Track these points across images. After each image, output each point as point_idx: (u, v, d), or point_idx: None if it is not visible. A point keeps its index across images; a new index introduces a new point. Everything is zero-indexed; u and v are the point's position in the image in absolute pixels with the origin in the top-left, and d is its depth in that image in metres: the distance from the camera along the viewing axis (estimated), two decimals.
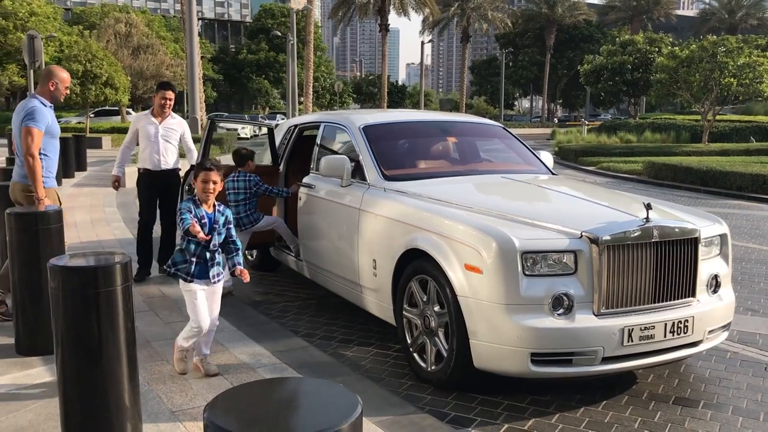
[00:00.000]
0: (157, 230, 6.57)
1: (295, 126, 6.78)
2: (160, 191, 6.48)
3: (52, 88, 5.06)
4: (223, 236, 4.07)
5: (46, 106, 5.00)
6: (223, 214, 4.08)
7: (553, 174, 5.72)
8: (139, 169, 6.44)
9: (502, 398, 4.05)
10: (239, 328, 5.04)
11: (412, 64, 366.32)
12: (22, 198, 5.08)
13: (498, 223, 3.92)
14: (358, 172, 5.28)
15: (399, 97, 73.99)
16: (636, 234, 3.83)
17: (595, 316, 3.75)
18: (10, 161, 10.73)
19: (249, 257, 7.40)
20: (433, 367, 4.18)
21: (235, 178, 6.01)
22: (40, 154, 4.88)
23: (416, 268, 4.27)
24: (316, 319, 5.62)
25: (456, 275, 3.90)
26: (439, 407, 3.92)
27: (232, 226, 4.15)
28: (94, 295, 2.87)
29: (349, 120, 5.70)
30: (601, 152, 23.35)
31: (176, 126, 6.54)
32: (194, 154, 6.70)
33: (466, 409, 3.90)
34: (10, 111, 50.88)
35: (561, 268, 3.78)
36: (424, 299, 4.23)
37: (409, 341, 4.41)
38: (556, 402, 4.03)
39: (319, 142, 6.08)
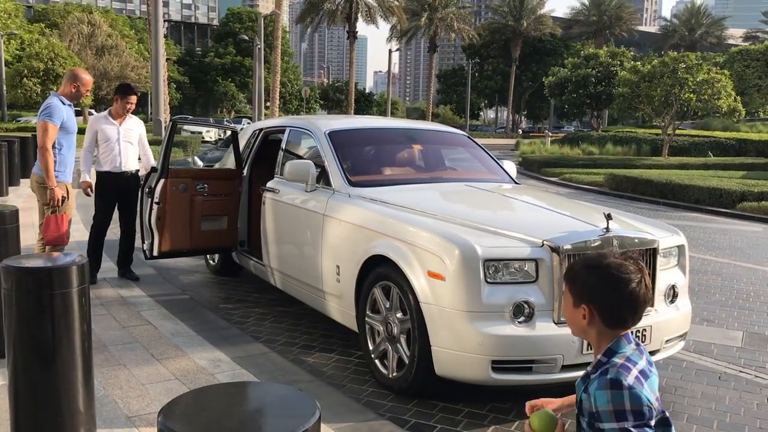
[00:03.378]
0: (114, 232, 6.47)
1: (260, 130, 6.73)
2: (119, 194, 6.38)
3: (73, 90, 5.48)
4: None
5: (64, 104, 5.41)
6: None
7: (516, 183, 5.77)
8: (97, 171, 6.33)
9: (463, 405, 4.05)
10: (199, 333, 4.97)
11: (380, 72, 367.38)
12: (36, 188, 5.47)
13: (461, 230, 3.94)
14: (323, 178, 5.25)
15: (366, 104, 74.09)
16: (596, 243, 3.88)
17: (556, 324, 3.78)
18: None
19: (211, 261, 7.31)
20: (394, 374, 4.17)
21: None
22: (54, 148, 5.28)
23: (379, 274, 4.26)
24: (277, 324, 5.57)
25: (419, 282, 3.90)
26: (400, 414, 3.91)
27: None
28: (49, 296, 2.80)
29: (315, 125, 5.68)
30: (563, 163, 23.66)
31: (135, 127, 6.51)
32: (150, 157, 6.69)
33: (427, 416, 3.89)
34: None
35: (522, 276, 3.81)
36: (387, 306, 4.23)
37: (371, 348, 4.39)
38: (516, 409, 4.05)
39: (284, 147, 6.04)
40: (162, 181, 6.00)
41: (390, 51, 58.54)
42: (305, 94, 62.77)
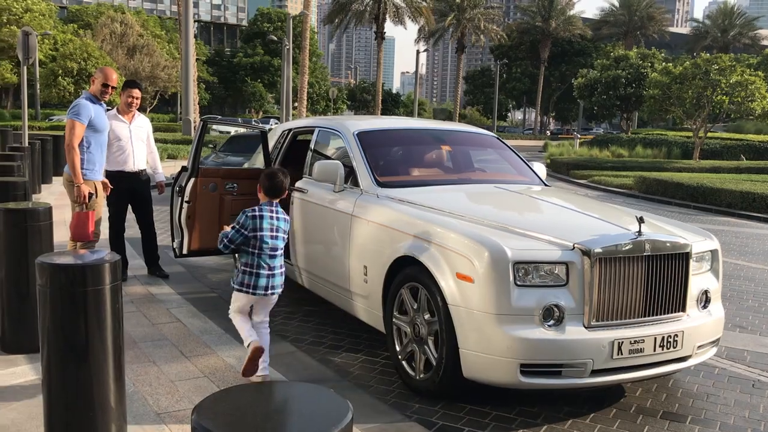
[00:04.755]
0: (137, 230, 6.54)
1: (289, 130, 6.76)
2: (131, 192, 6.42)
3: (95, 87, 5.51)
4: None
5: (93, 102, 5.46)
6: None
7: (545, 185, 5.72)
8: (108, 171, 6.17)
9: (490, 408, 4.03)
10: (227, 331, 5.00)
11: (407, 72, 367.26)
12: (66, 186, 5.57)
13: (490, 232, 3.91)
14: (351, 178, 5.26)
15: (393, 105, 74.13)
16: (628, 247, 3.83)
17: (586, 328, 3.74)
18: None
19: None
20: (421, 376, 4.15)
21: (273, 215, 4.01)
22: (82, 146, 5.35)
23: (407, 275, 4.25)
24: (304, 324, 5.59)
25: (447, 284, 3.89)
26: (427, 416, 3.89)
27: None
28: (82, 293, 2.83)
29: (344, 125, 5.69)
30: (592, 166, 23.44)
31: (144, 125, 6.58)
32: (156, 155, 6.78)
33: (454, 419, 3.87)
34: (2, 108, 50.68)
35: (552, 280, 3.77)
36: (415, 307, 4.21)
37: (398, 349, 4.38)
38: (544, 413, 4.01)
39: (312, 147, 6.06)
40: (192, 180, 6.05)
41: (417, 52, 58.47)
42: (333, 95, 62.97)
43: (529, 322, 3.69)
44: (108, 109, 6.07)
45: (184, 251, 6.12)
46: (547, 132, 76.59)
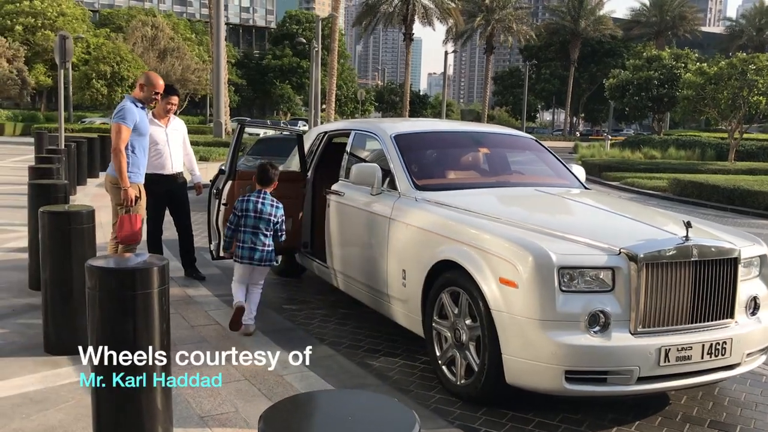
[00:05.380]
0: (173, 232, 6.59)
1: (325, 133, 6.76)
2: (167, 196, 6.46)
3: (143, 93, 5.53)
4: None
5: (137, 106, 5.48)
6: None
7: (585, 188, 5.65)
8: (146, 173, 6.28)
9: (533, 415, 3.97)
10: (265, 334, 5.01)
11: (434, 73, 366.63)
12: (109, 188, 5.56)
13: (534, 236, 3.86)
14: (388, 181, 5.24)
15: (421, 106, 73.99)
16: (675, 252, 3.75)
17: (632, 334, 3.68)
18: None
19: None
20: (462, 381, 4.11)
21: (259, 199, 5.00)
22: (127, 149, 5.37)
23: (448, 279, 4.22)
24: (341, 327, 5.58)
25: (490, 289, 3.84)
26: (469, 422, 3.85)
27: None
28: (131, 297, 2.85)
29: (381, 128, 5.67)
30: (625, 167, 23.15)
31: (180, 128, 6.63)
32: (192, 158, 6.84)
33: (497, 425, 3.83)
34: (36, 110, 51.62)
35: (598, 285, 3.71)
36: (455, 312, 4.18)
37: (438, 354, 4.35)
38: (588, 420, 3.95)
39: (349, 150, 6.05)
40: (229, 182, 6.08)
41: (446, 53, 58.37)
42: (361, 97, 63.06)
43: (574, 328, 3.64)
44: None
45: (221, 254, 6.15)
46: (577, 133, 75.85)
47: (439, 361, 4.33)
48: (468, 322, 4.07)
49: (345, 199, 5.66)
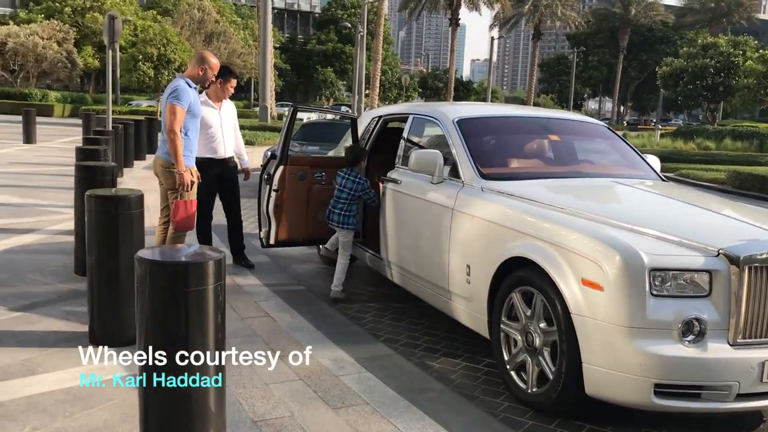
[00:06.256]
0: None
1: (379, 117, 6.43)
2: (218, 180, 6.19)
3: (200, 73, 5.27)
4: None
5: (191, 86, 5.19)
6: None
7: (663, 179, 5.23)
8: (197, 157, 6.10)
9: (612, 429, 3.62)
10: (318, 328, 4.74)
11: (477, 60, 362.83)
12: (160, 172, 5.27)
13: (621, 234, 3.49)
14: (450, 169, 4.89)
15: (465, 92, 73.02)
16: None
17: (731, 345, 3.29)
18: None
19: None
20: (534, 389, 3.77)
21: (345, 175, 5.70)
22: (180, 131, 5.07)
23: (520, 278, 3.87)
24: (396, 323, 5.28)
25: (570, 290, 3.48)
26: None
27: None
28: (184, 293, 2.57)
29: (442, 112, 5.32)
30: (678, 159, 22.34)
31: (232, 112, 6.37)
32: (241, 142, 6.59)
33: None
34: (85, 92, 52.40)
35: (693, 290, 3.33)
36: (528, 314, 3.83)
37: (506, 358, 4.01)
38: None
39: (406, 136, 5.72)
40: (281, 168, 5.82)
41: (492, 39, 57.38)
42: (405, 82, 62.47)
43: (666, 336, 3.27)
44: None
45: (272, 241, 5.91)
46: (624, 122, 74.11)
47: (507, 366, 3.99)
48: (542, 325, 3.73)
49: (402, 188, 5.33)
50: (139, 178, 12.34)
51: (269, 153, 11.78)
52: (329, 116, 13.74)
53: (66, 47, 42.60)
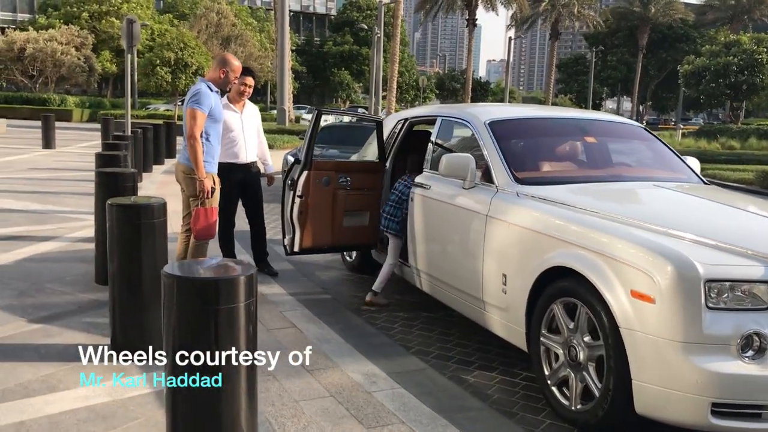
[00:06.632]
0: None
1: (405, 120, 6.25)
2: (240, 186, 6.02)
3: (222, 76, 5.09)
4: None
5: (212, 90, 5.02)
6: None
7: (705, 182, 5.00)
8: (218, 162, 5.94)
9: None
10: (347, 340, 4.56)
11: (493, 60, 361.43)
12: (181, 179, 5.11)
13: (673, 242, 3.28)
14: (481, 174, 4.70)
15: (482, 93, 72.60)
16: None
17: None
18: None
19: (348, 258, 6.94)
20: (579, 407, 3.57)
21: (404, 182, 5.63)
22: (201, 137, 4.90)
23: (562, 289, 3.67)
24: (426, 333, 5.09)
25: (618, 303, 3.28)
26: None
27: None
28: (214, 311, 2.41)
29: (473, 114, 5.13)
30: (703, 159, 21.66)
31: (255, 115, 6.19)
32: (265, 146, 6.39)
33: None
34: (102, 97, 52.71)
35: (752, 302, 3.11)
36: (570, 326, 3.63)
37: (546, 373, 3.81)
38: None
39: (434, 139, 5.53)
40: (305, 173, 5.65)
41: (510, 39, 57.06)
42: (423, 84, 62.22)
43: (723, 352, 3.05)
44: None
45: (296, 249, 5.74)
46: (643, 122, 73.36)
47: (548, 381, 3.79)
48: (587, 339, 3.52)
49: (431, 193, 5.15)
50: (159, 183, 12.26)
51: (290, 156, 11.75)
52: (353, 119, 13.55)
53: (84, 52, 42.86)
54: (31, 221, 8.07)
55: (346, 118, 15.04)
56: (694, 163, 5.28)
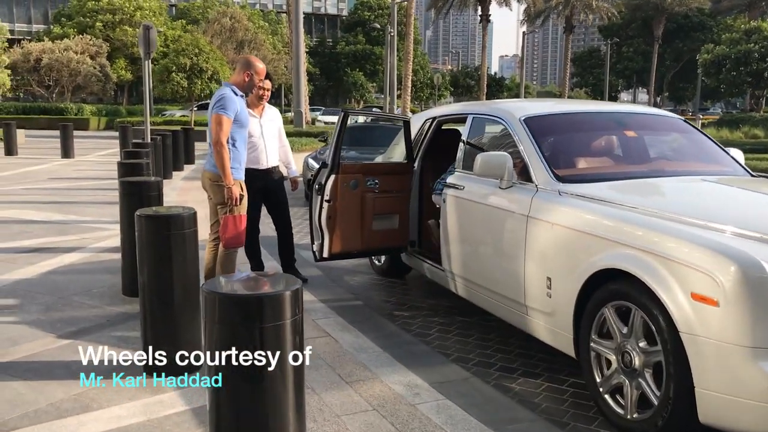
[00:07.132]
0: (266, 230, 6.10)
1: (433, 118, 6.09)
2: (263, 192, 5.87)
3: (246, 79, 4.97)
4: None
5: (237, 95, 4.88)
6: None
7: (752, 175, 4.79)
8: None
9: None
10: (384, 349, 4.40)
11: (506, 56, 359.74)
12: (208, 186, 4.99)
13: (735, 240, 3.09)
14: (518, 172, 4.52)
15: (497, 89, 72.18)
16: None
17: None
18: None
19: (376, 262, 6.80)
20: (635, 415, 3.39)
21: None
22: (227, 143, 4.76)
23: (614, 292, 3.49)
24: (464, 339, 4.93)
25: (677, 306, 3.09)
26: None
27: None
28: (259, 330, 2.27)
29: (507, 111, 4.95)
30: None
31: (275, 119, 6.03)
32: (288, 150, 6.23)
33: None
34: (118, 104, 52.96)
35: None
36: (624, 331, 3.45)
37: (598, 380, 3.63)
38: None
39: (466, 138, 5.36)
40: (332, 177, 5.50)
41: (524, 33, 56.65)
42: (437, 81, 61.95)
43: None
44: None
45: (325, 254, 5.59)
46: None
47: (600, 389, 3.61)
48: (642, 344, 3.34)
49: (465, 194, 4.98)
50: (180, 189, 12.18)
51: (311, 160, 11.62)
52: (368, 119, 13.36)
53: (99, 61, 43.03)
54: (53, 232, 8.00)
55: (361, 119, 14.88)
56: (738, 154, 5.07)
